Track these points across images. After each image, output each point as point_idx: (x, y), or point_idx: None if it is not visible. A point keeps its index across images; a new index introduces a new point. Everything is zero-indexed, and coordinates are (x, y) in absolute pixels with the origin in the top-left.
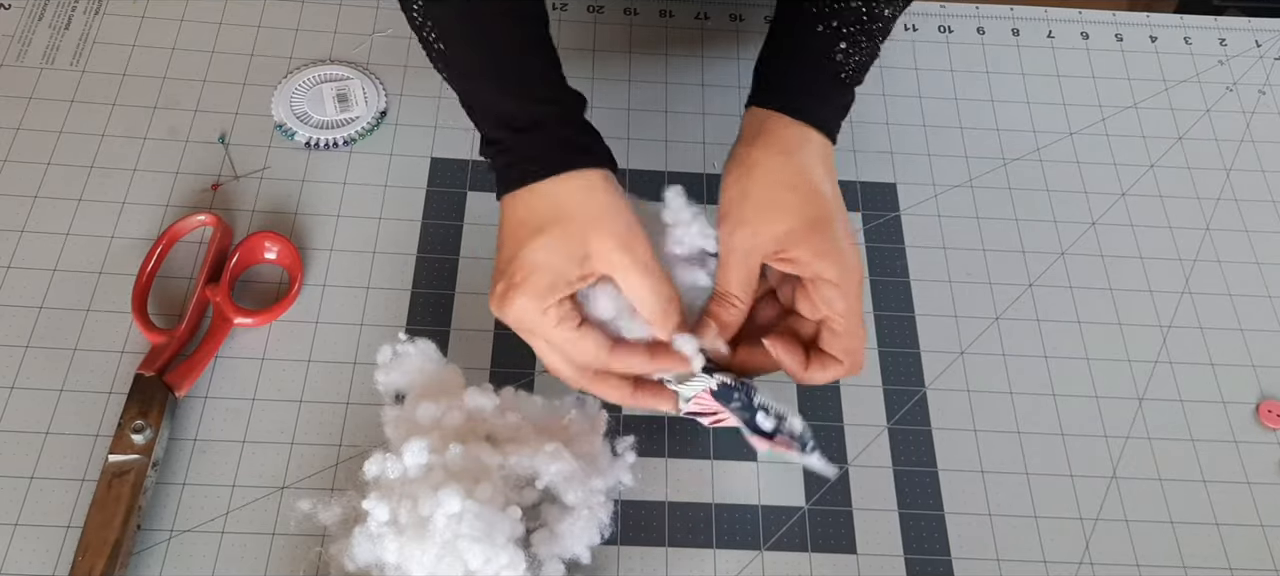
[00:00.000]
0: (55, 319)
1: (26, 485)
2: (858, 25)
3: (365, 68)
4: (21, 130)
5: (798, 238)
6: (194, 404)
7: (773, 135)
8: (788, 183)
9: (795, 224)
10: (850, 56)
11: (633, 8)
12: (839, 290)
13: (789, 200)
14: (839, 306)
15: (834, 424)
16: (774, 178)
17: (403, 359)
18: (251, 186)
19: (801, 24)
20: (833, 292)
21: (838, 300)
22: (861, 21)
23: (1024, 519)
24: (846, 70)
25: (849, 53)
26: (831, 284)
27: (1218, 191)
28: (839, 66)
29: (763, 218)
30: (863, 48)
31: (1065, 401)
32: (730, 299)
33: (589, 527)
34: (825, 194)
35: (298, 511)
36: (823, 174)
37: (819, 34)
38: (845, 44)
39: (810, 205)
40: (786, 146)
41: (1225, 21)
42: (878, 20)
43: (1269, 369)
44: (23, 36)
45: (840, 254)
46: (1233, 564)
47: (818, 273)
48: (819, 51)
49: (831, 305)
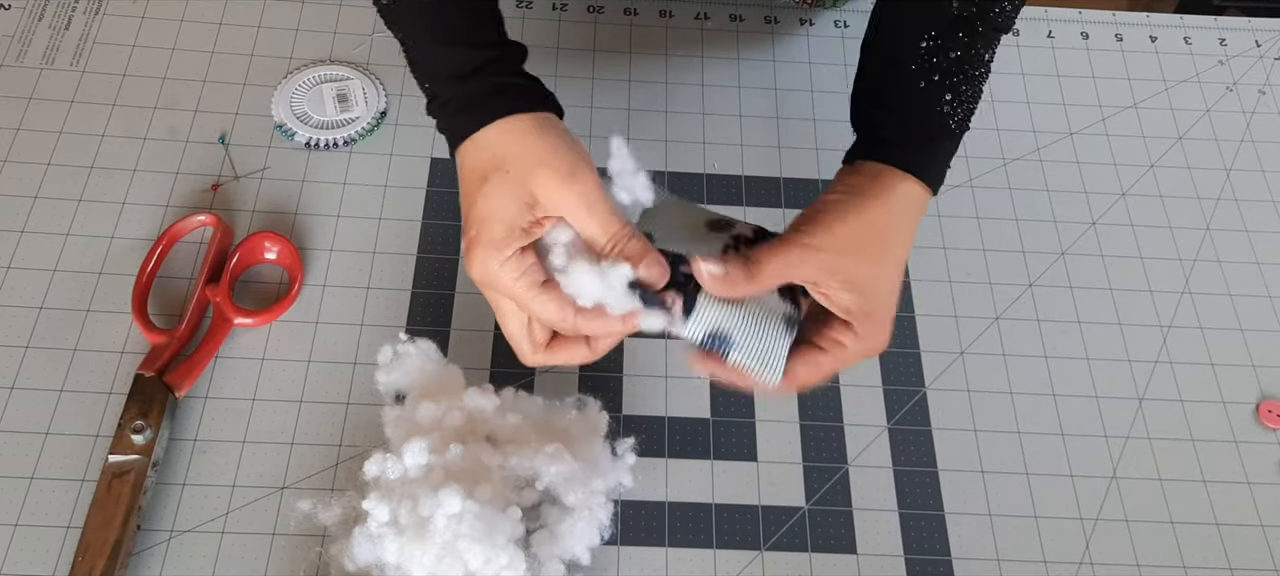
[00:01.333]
0: (55, 319)
1: (26, 485)
2: (961, 74)
3: (365, 68)
4: (21, 130)
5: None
6: (194, 404)
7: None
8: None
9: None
10: (956, 107)
11: (633, 8)
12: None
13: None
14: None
15: (834, 424)
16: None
17: (403, 359)
18: (252, 187)
19: (903, 72)
20: (851, 340)
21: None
22: (963, 67)
23: (1024, 519)
24: (955, 119)
25: (954, 104)
26: (855, 335)
27: (1218, 191)
28: (947, 117)
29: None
30: (965, 94)
31: (1065, 401)
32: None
33: (589, 528)
34: (901, 261)
35: (298, 511)
36: (909, 235)
37: (922, 89)
38: (950, 96)
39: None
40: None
41: (1225, 21)
42: (978, 65)
43: (1269, 369)
44: (23, 37)
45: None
46: (1233, 564)
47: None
48: (928, 104)
49: (838, 347)
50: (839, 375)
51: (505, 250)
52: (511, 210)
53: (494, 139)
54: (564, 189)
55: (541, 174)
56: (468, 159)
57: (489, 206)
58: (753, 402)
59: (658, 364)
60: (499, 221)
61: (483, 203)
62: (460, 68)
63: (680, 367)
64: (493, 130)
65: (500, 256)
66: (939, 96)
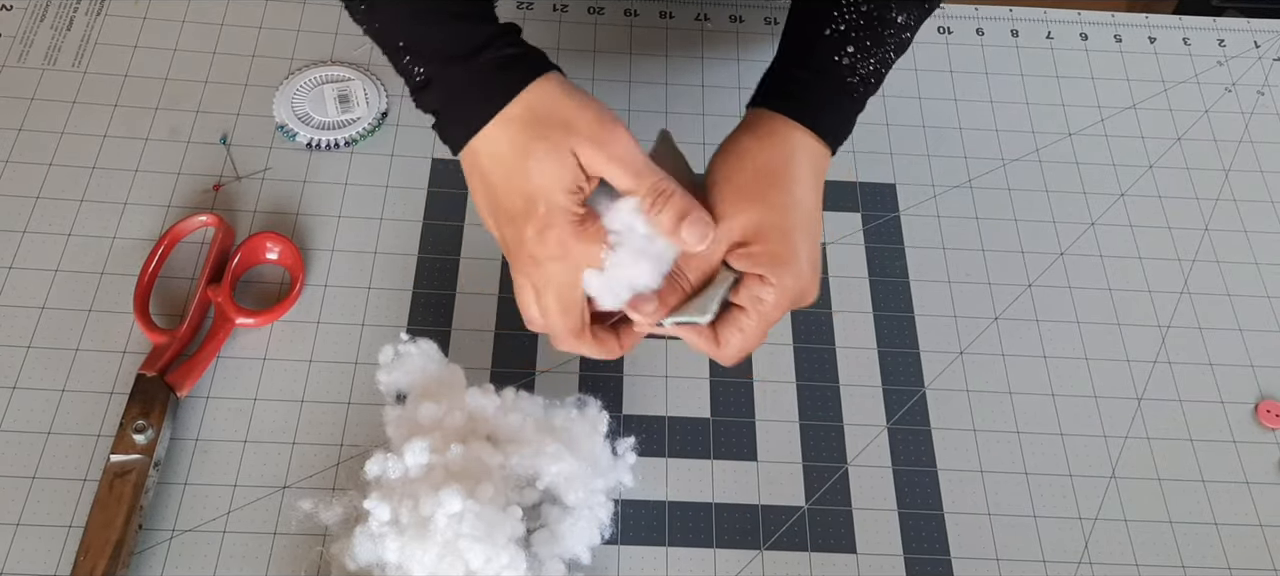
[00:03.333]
0: (57, 319)
1: (28, 485)
2: (866, 29)
3: (366, 69)
4: (23, 131)
5: (763, 234)
6: (195, 404)
7: (767, 131)
8: (770, 178)
9: (764, 219)
10: (858, 62)
11: (633, 9)
12: (773, 294)
13: (768, 196)
14: (762, 308)
15: (834, 424)
16: (758, 170)
17: (404, 359)
18: (253, 187)
19: (809, 27)
20: (766, 292)
21: (766, 300)
22: (871, 25)
23: (1023, 518)
24: (854, 76)
25: (856, 57)
26: (769, 286)
27: (1217, 192)
28: (845, 71)
29: (737, 208)
30: (871, 53)
31: (1064, 401)
32: (682, 278)
33: (589, 528)
34: (802, 203)
35: (299, 511)
36: (809, 182)
37: (825, 38)
38: (852, 48)
39: (784, 208)
40: (779, 144)
41: (1224, 22)
42: (888, 26)
43: (1268, 369)
44: (25, 38)
45: (796, 267)
46: (1231, 563)
47: (764, 272)
48: (825, 55)
49: (757, 302)
50: (839, 376)
51: (576, 210)
52: (566, 175)
53: (528, 106)
54: (599, 145)
55: (579, 134)
56: (498, 138)
57: (542, 175)
58: (752, 402)
59: (658, 364)
60: (559, 188)
61: (536, 175)
62: (466, 44)
63: (680, 367)
64: (524, 99)
65: (573, 221)
66: (840, 47)
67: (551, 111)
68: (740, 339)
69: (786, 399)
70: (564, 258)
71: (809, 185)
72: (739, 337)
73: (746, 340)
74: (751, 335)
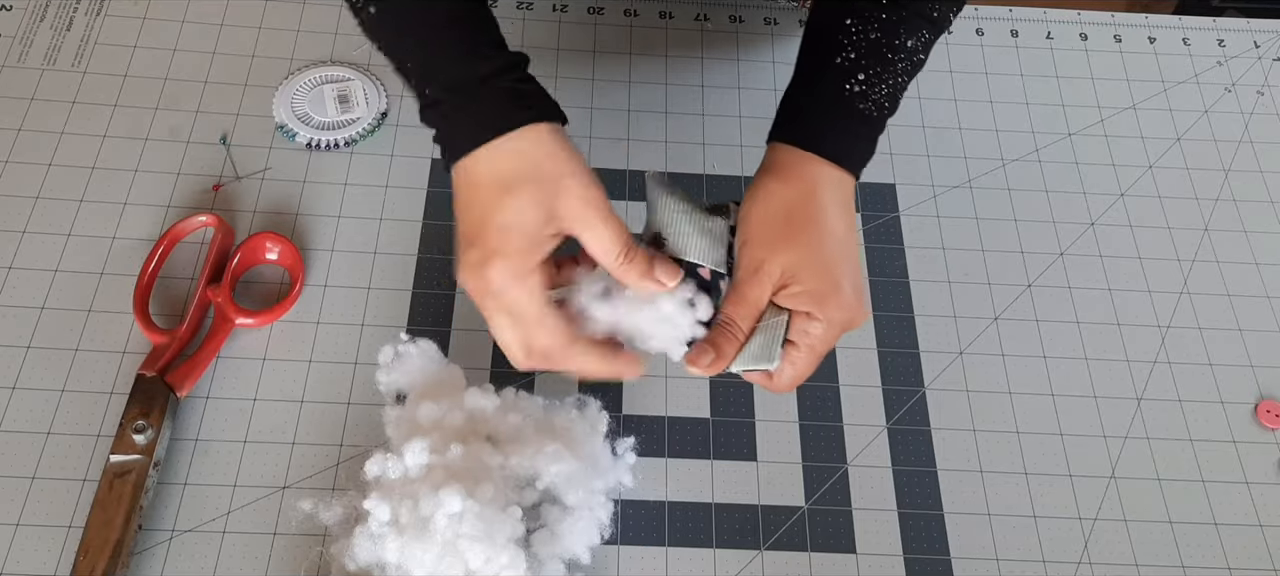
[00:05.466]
0: (57, 319)
1: (28, 485)
2: (876, 56)
3: (366, 69)
4: (23, 131)
5: (802, 274)
6: (195, 404)
7: (789, 168)
8: (802, 219)
9: (801, 259)
10: (870, 88)
11: (633, 9)
12: (821, 328)
13: (801, 236)
14: (811, 341)
15: (833, 424)
16: (789, 213)
17: (404, 359)
18: (253, 187)
19: (820, 57)
20: (814, 327)
21: (814, 334)
22: (880, 51)
23: (1023, 518)
24: (866, 102)
25: (867, 84)
26: (816, 321)
27: (1216, 192)
28: (857, 99)
29: (773, 250)
30: (883, 79)
31: (1064, 401)
32: (734, 327)
33: (589, 528)
34: (834, 233)
35: (299, 511)
36: (837, 211)
37: (836, 66)
38: (863, 76)
39: (818, 244)
40: (803, 182)
41: (1224, 22)
42: (897, 51)
43: (1267, 369)
44: (24, 38)
45: (840, 299)
46: (1231, 563)
47: (810, 310)
48: (837, 84)
49: (806, 336)
50: (838, 376)
51: (528, 262)
52: (535, 223)
53: (519, 148)
54: (584, 202)
55: (566, 186)
56: (481, 167)
57: (512, 217)
58: (752, 402)
59: (658, 364)
60: (521, 233)
61: (506, 213)
62: (473, 73)
63: (680, 368)
64: (517, 139)
65: (522, 269)
66: (851, 76)
67: (547, 158)
68: (792, 372)
69: (786, 399)
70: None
71: (837, 214)
72: (791, 371)
73: (798, 371)
74: (803, 367)
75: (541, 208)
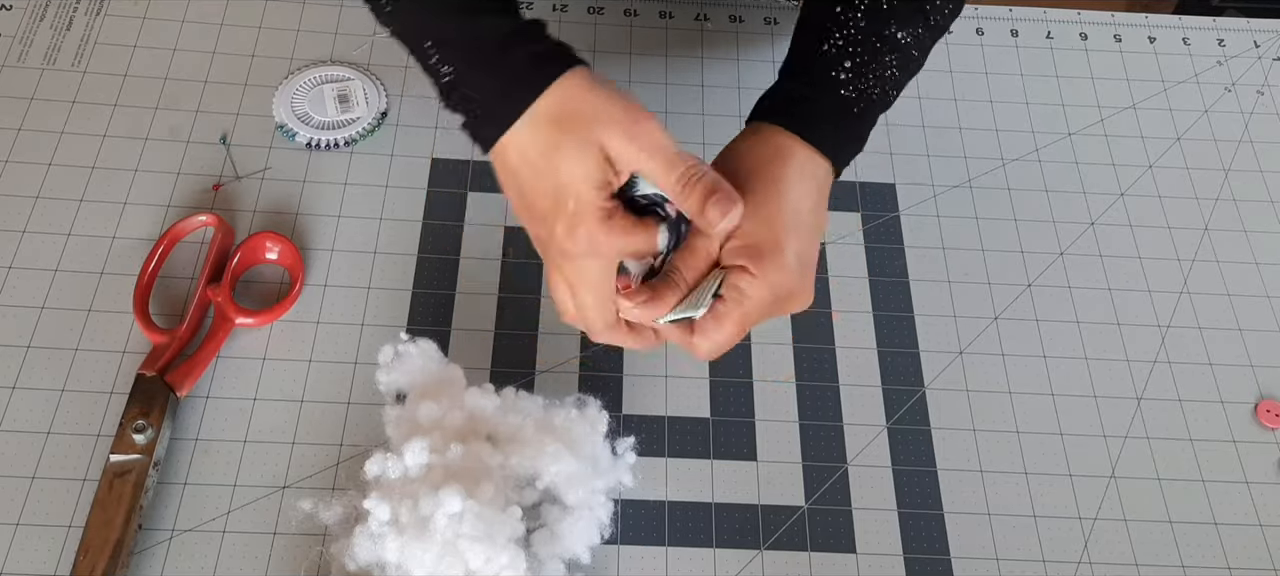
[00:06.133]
0: (57, 319)
1: (28, 485)
2: (863, 46)
3: (366, 68)
4: (23, 131)
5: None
6: (195, 404)
7: (760, 134)
8: (759, 176)
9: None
10: (856, 78)
11: (633, 9)
12: (754, 287)
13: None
14: (742, 301)
15: (833, 424)
16: (749, 169)
17: (404, 359)
18: (253, 187)
19: (808, 43)
20: (746, 283)
21: (747, 294)
22: (867, 41)
23: (1023, 518)
24: (850, 90)
25: (853, 74)
26: (750, 276)
27: (1216, 192)
28: (840, 86)
29: None
30: (869, 69)
31: (1064, 401)
32: (677, 276)
33: (589, 527)
34: (794, 205)
35: (299, 511)
36: (801, 188)
37: (822, 54)
38: (849, 64)
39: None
40: (771, 148)
41: (1224, 22)
42: (886, 43)
43: (1267, 368)
44: (24, 37)
45: (780, 261)
46: (1231, 563)
47: (746, 264)
48: (822, 71)
49: (737, 293)
50: (838, 376)
51: (605, 205)
52: (593, 169)
53: (555, 102)
54: (631, 138)
55: (608, 127)
56: (526, 137)
57: (570, 171)
58: (753, 402)
59: (658, 364)
60: (586, 182)
61: (564, 169)
62: (493, 36)
63: (680, 367)
64: (551, 95)
65: (601, 216)
66: (837, 63)
67: (579, 106)
68: (716, 332)
69: (786, 399)
70: (594, 253)
71: (802, 191)
72: (715, 329)
73: (723, 335)
74: (728, 329)
75: (591, 154)
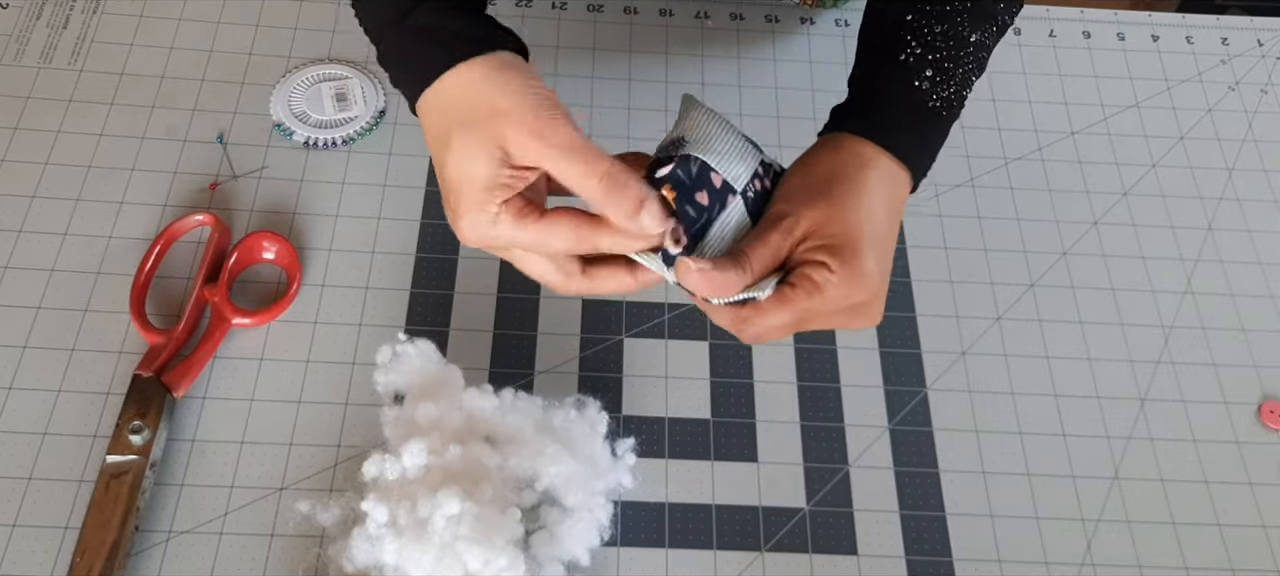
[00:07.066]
0: (53, 319)
1: (24, 486)
2: (943, 50)
3: (364, 67)
4: (19, 129)
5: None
6: (192, 404)
7: (841, 143)
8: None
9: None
10: (939, 85)
11: (633, 7)
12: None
13: (834, 194)
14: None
15: (835, 425)
16: (828, 173)
17: (402, 359)
18: (250, 186)
19: (881, 53)
20: (824, 277)
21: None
22: (947, 45)
23: (1025, 520)
24: (935, 99)
25: (936, 80)
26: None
27: (1220, 191)
28: (924, 95)
29: (802, 203)
30: (951, 76)
31: (1067, 402)
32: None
33: (589, 529)
34: (873, 213)
35: (296, 512)
36: (880, 197)
37: (901, 63)
38: (931, 71)
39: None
40: (851, 155)
41: (1227, 20)
42: (964, 46)
43: (1271, 369)
44: (20, 35)
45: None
46: (1234, 565)
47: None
48: (905, 81)
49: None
50: (840, 376)
51: (489, 208)
52: (483, 169)
53: (446, 94)
54: (535, 138)
55: (505, 126)
56: (425, 120)
57: (459, 170)
58: (753, 403)
59: (658, 364)
60: (472, 182)
61: (452, 167)
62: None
63: (680, 368)
64: (444, 84)
65: (487, 214)
66: (919, 72)
67: (476, 100)
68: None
69: (787, 399)
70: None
71: (880, 199)
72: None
73: (781, 319)
74: (787, 317)
75: (485, 154)
